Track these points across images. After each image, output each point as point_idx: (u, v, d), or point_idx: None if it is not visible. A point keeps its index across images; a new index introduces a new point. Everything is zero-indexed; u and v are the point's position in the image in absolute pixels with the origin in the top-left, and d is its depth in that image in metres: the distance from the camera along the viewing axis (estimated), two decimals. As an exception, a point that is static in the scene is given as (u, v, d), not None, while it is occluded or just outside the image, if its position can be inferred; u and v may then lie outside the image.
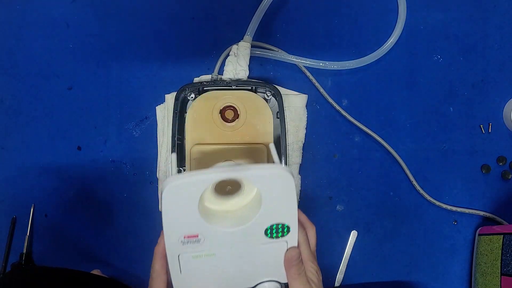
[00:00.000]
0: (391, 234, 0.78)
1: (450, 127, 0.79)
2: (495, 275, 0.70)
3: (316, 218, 0.78)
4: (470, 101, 0.79)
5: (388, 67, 0.80)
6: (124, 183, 0.78)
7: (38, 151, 0.79)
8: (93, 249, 0.78)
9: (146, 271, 0.78)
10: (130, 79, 0.79)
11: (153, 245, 0.78)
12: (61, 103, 0.79)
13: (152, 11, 0.80)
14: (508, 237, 0.69)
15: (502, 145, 0.79)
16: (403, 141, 0.79)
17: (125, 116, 0.79)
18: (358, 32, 0.80)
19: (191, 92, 0.73)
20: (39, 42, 0.80)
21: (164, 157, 0.77)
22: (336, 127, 0.79)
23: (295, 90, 0.79)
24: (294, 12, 0.80)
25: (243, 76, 0.75)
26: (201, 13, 0.80)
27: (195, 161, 0.70)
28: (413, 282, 0.78)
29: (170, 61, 0.79)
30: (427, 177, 0.79)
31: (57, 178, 0.79)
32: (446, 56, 0.80)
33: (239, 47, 0.75)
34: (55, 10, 0.80)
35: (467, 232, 0.78)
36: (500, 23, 0.80)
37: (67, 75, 0.79)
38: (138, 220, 0.78)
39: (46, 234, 0.78)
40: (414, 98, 0.79)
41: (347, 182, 0.79)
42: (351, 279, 0.78)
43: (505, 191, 0.78)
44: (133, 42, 0.79)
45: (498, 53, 0.80)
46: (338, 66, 0.77)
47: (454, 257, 0.78)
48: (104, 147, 0.79)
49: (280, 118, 0.73)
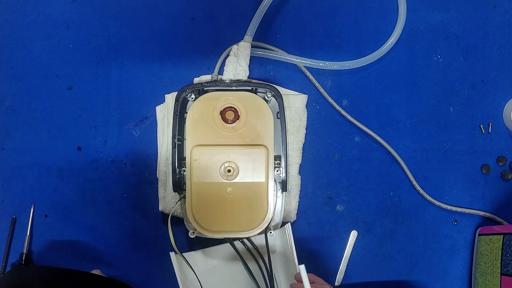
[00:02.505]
0: (391, 234, 0.78)
1: (450, 127, 0.79)
2: (495, 275, 0.70)
3: (316, 218, 0.78)
4: (470, 101, 0.79)
5: (388, 67, 0.80)
6: (124, 183, 0.78)
7: (38, 151, 0.79)
8: (93, 249, 0.78)
9: (146, 271, 0.78)
10: (130, 79, 0.79)
11: (153, 245, 0.78)
12: (61, 103, 0.79)
13: (152, 11, 0.80)
14: (508, 237, 0.69)
15: (502, 145, 0.79)
16: (403, 141, 0.79)
17: (125, 116, 0.79)
18: (358, 32, 0.80)
19: (191, 93, 0.73)
20: (39, 42, 0.80)
21: (164, 157, 0.77)
22: (336, 127, 0.79)
23: (295, 90, 0.79)
24: (294, 12, 0.80)
25: (243, 76, 0.75)
26: (201, 13, 0.80)
27: (195, 162, 0.70)
28: (413, 282, 0.78)
29: (170, 61, 0.79)
30: (427, 177, 0.79)
31: (57, 178, 0.79)
32: (446, 56, 0.80)
33: (239, 47, 0.75)
34: (55, 10, 0.80)
35: (467, 232, 0.78)
36: (500, 23, 0.80)
37: (67, 75, 0.79)
38: (138, 220, 0.78)
39: (46, 234, 0.78)
40: (414, 98, 0.79)
41: (347, 182, 0.79)
42: (351, 279, 0.78)
43: (505, 191, 0.78)
44: (133, 42, 0.79)
45: (498, 53, 0.80)
46: (338, 66, 0.77)
47: (454, 257, 0.78)
48: (104, 147, 0.79)
49: (281, 118, 0.73)
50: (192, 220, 0.71)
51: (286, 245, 0.74)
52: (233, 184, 0.71)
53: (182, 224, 0.75)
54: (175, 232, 0.76)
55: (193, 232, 0.72)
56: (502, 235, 0.70)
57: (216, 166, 0.70)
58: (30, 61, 0.79)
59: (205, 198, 0.71)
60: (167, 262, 0.77)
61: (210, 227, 0.71)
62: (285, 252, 0.75)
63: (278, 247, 0.76)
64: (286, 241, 0.73)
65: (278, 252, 0.76)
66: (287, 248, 0.74)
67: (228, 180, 0.71)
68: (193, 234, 0.72)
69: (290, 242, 0.72)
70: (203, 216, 0.71)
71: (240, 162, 0.70)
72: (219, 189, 0.71)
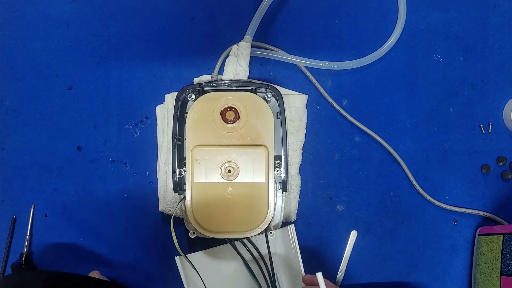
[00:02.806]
0: (391, 234, 0.78)
1: (450, 127, 0.79)
2: (495, 275, 0.70)
3: (316, 218, 0.78)
4: (470, 101, 0.79)
5: (388, 67, 0.80)
6: (124, 183, 0.78)
7: (38, 151, 0.79)
8: (93, 249, 0.78)
9: (146, 271, 0.78)
10: (130, 79, 0.79)
11: (153, 245, 0.78)
12: (61, 103, 0.79)
13: (152, 11, 0.80)
14: (508, 237, 0.69)
15: (502, 145, 0.79)
16: (403, 141, 0.79)
17: (125, 116, 0.79)
18: (358, 32, 0.80)
19: (191, 93, 0.73)
20: (39, 42, 0.80)
21: (164, 157, 0.77)
22: (336, 127, 0.79)
23: (295, 90, 0.79)
24: (294, 12, 0.80)
25: (243, 76, 0.75)
26: (201, 13, 0.80)
27: (196, 162, 0.70)
28: (413, 282, 0.78)
29: (170, 61, 0.79)
30: (427, 177, 0.79)
31: (57, 178, 0.79)
32: (446, 56, 0.80)
33: (239, 47, 0.75)
34: (55, 10, 0.80)
35: (467, 232, 0.78)
36: (500, 23, 0.80)
37: (67, 75, 0.79)
38: (138, 220, 0.78)
39: (46, 234, 0.78)
40: (414, 98, 0.79)
41: (347, 182, 0.79)
42: (351, 279, 0.78)
43: (505, 191, 0.78)
44: (133, 42, 0.79)
45: (498, 53, 0.80)
46: (338, 66, 0.77)
47: (454, 257, 0.78)
48: (104, 147, 0.79)
49: (281, 118, 0.73)
50: (192, 220, 0.71)
51: (287, 245, 0.74)
52: (233, 184, 0.71)
53: (182, 224, 0.75)
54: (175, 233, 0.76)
55: (193, 232, 0.72)
56: (502, 235, 0.70)
57: (216, 166, 0.70)
58: (30, 61, 0.79)
59: (205, 198, 0.71)
60: (167, 263, 0.77)
61: (210, 227, 0.71)
62: (287, 252, 0.75)
63: (279, 247, 0.76)
64: (287, 241, 0.73)
65: (279, 252, 0.76)
66: (288, 248, 0.74)
67: (228, 180, 0.71)
68: (194, 234, 0.72)
69: (294, 244, 0.72)
70: (204, 216, 0.71)
71: (240, 162, 0.70)
72: (220, 189, 0.71)
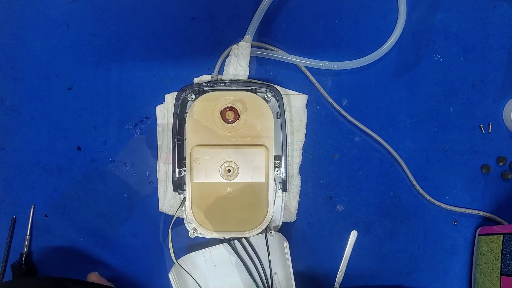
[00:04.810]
0: (391, 234, 0.78)
1: (450, 127, 0.79)
2: (495, 275, 0.70)
3: (316, 218, 0.78)
4: (470, 101, 0.79)
5: (388, 67, 0.80)
6: (124, 183, 0.78)
7: (38, 151, 0.79)
8: (93, 249, 0.78)
9: (146, 271, 0.78)
10: (130, 79, 0.79)
11: (153, 245, 0.78)
12: (61, 103, 0.79)
13: (152, 11, 0.80)
14: (508, 237, 0.69)
15: (502, 145, 0.79)
16: (403, 141, 0.79)
17: (125, 116, 0.79)
18: (358, 32, 0.80)
19: (191, 93, 0.73)
20: (39, 42, 0.80)
21: (164, 157, 0.77)
22: (336, 127, 0.79)
23: (295, 90, 0.79)
24: (294, 12, 0.80)
25: (243, 76, 0.75)
26: (201, 13, 0.80)
27: (195, 162, 0.70)
28: (413, 282, 0.78)
29: (170, 61, 0.79)
30: (427, 177, 0.79)
31: (57, 178, 0.79)
32: (446, 56, 0.80)
33: (239, 47, 0.75)
34: (55, 10, 0.80)
35: (467, 232, 0.78)
36: (500, 23, 0.80)
37: (67, 75, 0.79)
38: (138, 220, 0.78)
39: (46, 234, 0.78)
40: (414, 98, 0.79)
41: (347, 182, 0.79)
42: (351, 279, 0.78)
43: (505, 191, 0.78)
44: (133, 42, 0.79)
45: (498, 53, 0.80)
46: (338, 66, 0.77)
47: (454, 257, 0.78)
48: (104, 147, 0.79)
49: (281, 118, 0.73)
50: (192, 220, 0.71)
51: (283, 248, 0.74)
52: (233, 184, 0.71)
53: (182, 224, 0.75)
54: (175, 232, 0.76)
55: (193, 232, 0.72)
56: (502, 235, 0.70)
57: (216, 166, 0.70)
58: (30, 61, 0.79)
59: (205, 198, 0.71)
60: (167, 263, 0.77)
61: (210, 227, 0.71)
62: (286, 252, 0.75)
63: (278, 247, 0.75)
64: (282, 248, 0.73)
65: (278, 252, 0.75)
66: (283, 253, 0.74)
67: (228, 180, 0.71)
68: (193, 234, 0.72)
69: (288, 261, 0.72)
70: (203, 216, 0.71)
71: (240, 162, 0.70)
72: (219, 189, 0.71)
